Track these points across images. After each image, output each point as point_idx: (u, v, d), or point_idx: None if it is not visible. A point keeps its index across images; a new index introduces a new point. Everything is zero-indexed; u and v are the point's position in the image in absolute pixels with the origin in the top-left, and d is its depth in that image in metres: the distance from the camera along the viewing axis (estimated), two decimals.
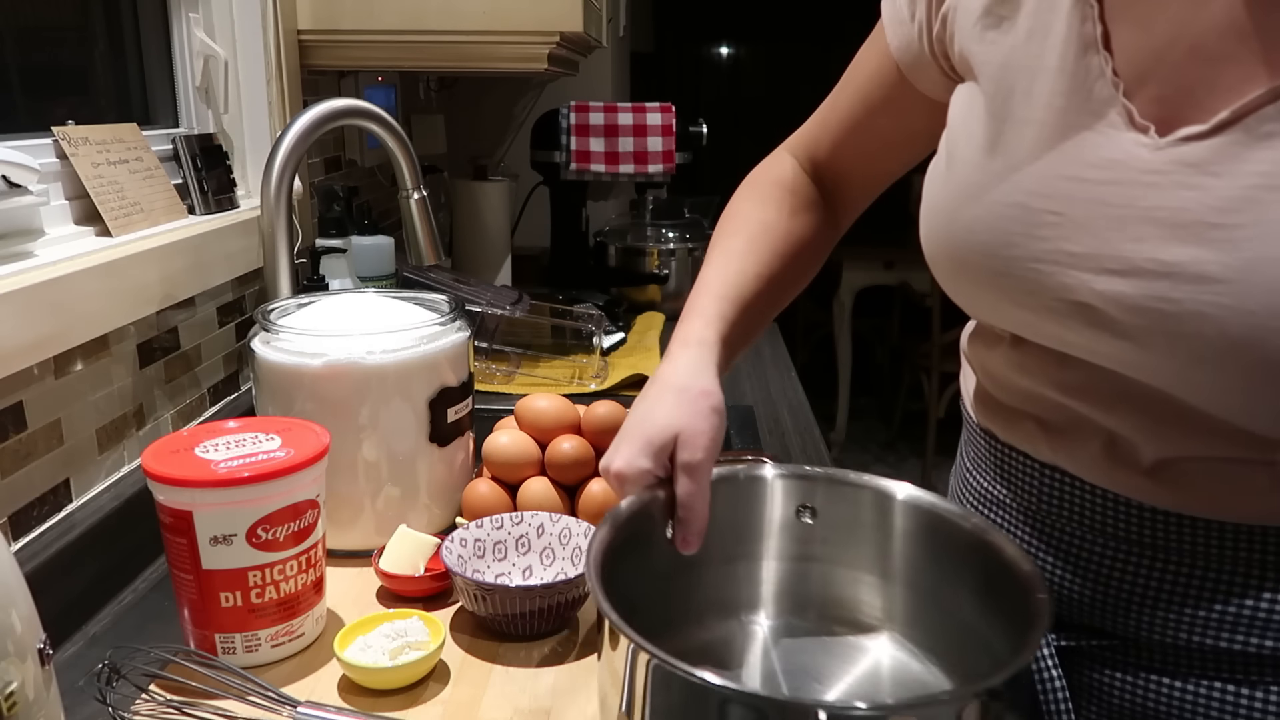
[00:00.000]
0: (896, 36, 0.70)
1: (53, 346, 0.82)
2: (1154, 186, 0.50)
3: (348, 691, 0.70)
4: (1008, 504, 0.67)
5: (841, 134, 0.79)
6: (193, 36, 1.26)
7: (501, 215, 2.02)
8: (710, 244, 0.78)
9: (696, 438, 0.62)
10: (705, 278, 0.74)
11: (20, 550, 0.80)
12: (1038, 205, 0.55)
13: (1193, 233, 0.49)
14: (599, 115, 1.90)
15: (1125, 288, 0.51)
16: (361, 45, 1.39)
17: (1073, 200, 0.53)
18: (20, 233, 0.88)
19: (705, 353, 0.69)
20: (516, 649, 0.75)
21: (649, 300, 1.90)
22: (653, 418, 0.65)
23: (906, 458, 3.97)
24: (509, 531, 0.84)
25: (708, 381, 0.66)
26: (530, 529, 0.84)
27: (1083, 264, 0.53)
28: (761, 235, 0.77)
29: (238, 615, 0.71)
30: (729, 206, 0.81)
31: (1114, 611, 0.61)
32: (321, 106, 1.11)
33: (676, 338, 0.71)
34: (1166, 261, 0.49)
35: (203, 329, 1.13)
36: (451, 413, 0.90)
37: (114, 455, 0.94)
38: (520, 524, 0.84)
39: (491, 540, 0.83)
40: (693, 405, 0.64)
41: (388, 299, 0.96)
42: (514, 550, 0.84)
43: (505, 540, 0.83)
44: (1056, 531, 0.63)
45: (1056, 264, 0.54)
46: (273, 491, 0.69)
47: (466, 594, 0.76)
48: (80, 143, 0.97)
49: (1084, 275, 0.53)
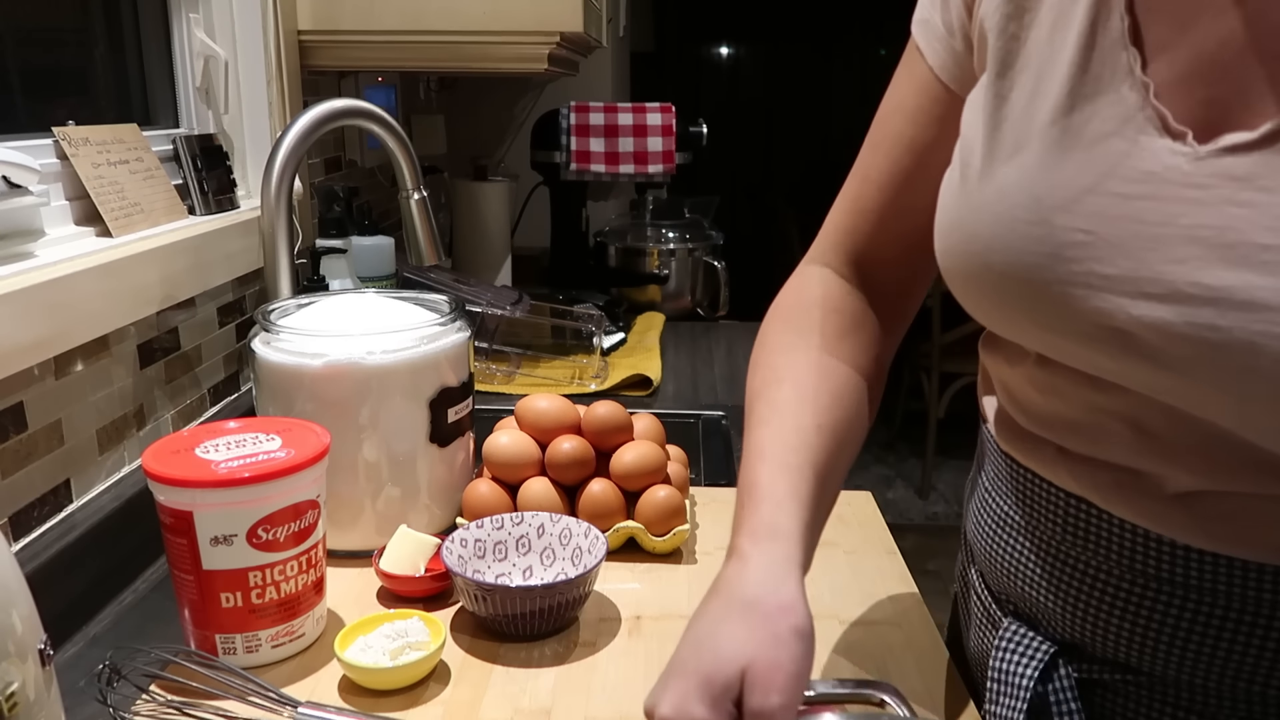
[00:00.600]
0: (938, 55, 0.63)
1: (53, 347, 0.82)
2: (1196, 203, 0.45)
3: (348, 692, 0.70)
4: (1025, 530, 0.61)
5: (886, 204, 0.66)
6: (193, 37, 1.26)
7: (501, 215, 2.03)
8: (748, 400, 0.64)
9: (773, 674, 0.48)
10: (757, 444, 0.60)
11: (21, 551, 0.80)
12: (1063, 223, 0.49)
13: (1241, 254, 0.44)
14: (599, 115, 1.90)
15: (1166, 314, 0.46)
16: (361, 46, 1.39)
17: (1104, 218, 0.48)
18: (20, 233, 0.88)
19: (784, 549, 0.54)
20: (516, 649, 0.75)
21: (649, 300, 1.90)
22: (715, 644, 0.50)
23: (906, 458, 3.97)
24: (509, 532, 0.84)
25: (789, 593, 0.52)
26: (531, 529, 0.84)
27: (1118, 287, 0.48)
28: (809, 377, 0.63)
29: (238, 616, 0.71)
30: (758, 348, 0.67)
31: (1140, 647, 0.57)
32: (321, 107, 1.11)
33: (741, 529, 0.56)
34: (1212, 286, 0.45)
35: (203, 329, 1.13)
36: (452, 413, 0.90)
37: (114, 456, 0.94)
38: (520, 524, 0.84)
39: (492, 540, 0.83)
40: (769, 627, 0.50)
41: (388, 299, 0.96)
42: (514, 550, 0.84)
43: (505, 540, 0.83)
44: (1077, 563, 0.58)
45: (1089, 287, 0.49)
46: (273, 492, 0.69)
47: (467, 594, 0.76)
48: (80, 143, 0.97)
49: (1120, 300, 0.48)
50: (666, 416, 1.16)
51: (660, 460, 0.91)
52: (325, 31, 1.37)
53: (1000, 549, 0.64)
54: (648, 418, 0.98)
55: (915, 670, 0.73)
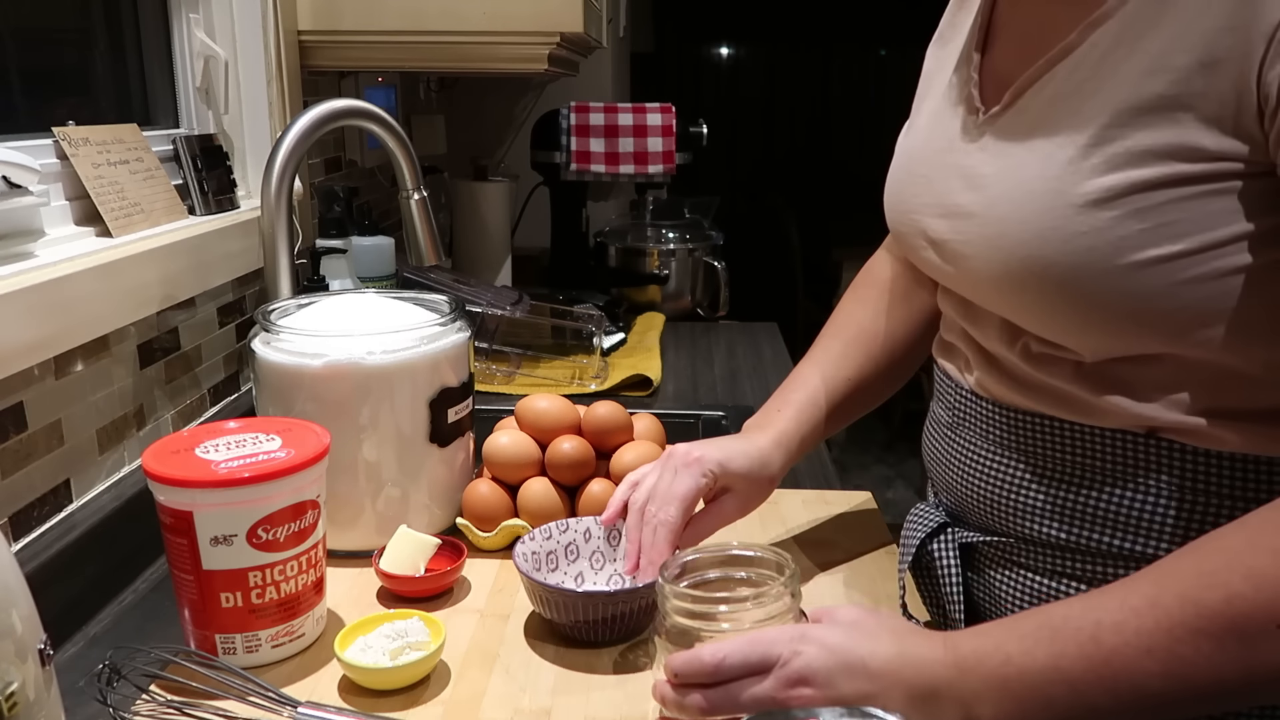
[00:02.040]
0: None
1: (53, 347, 0.82)
2: (964, 151, 0.67)
3: (348, 692, 0.70)
4: (942, 423, 0.76)
5: None
6: (193, 37, 1.26)
7: (502, 216, 2.03)
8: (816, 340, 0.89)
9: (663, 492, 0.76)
10: (794, 374, 0.87)
11: (21, 551, 0.80)
12: (916, 170, 0.72)
13: (972, 183, 0.65)
14: (599, 116, 1.90)
15: (943, 227, 0.67)
16: (362, 46, 1.39)
17: (931, 164, 0.70)
18: (21, 233, 0.88)
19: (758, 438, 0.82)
20: (516, 649, 0.75)
21: (649, 300, 1.90)
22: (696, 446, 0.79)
23: (906, 458, 3.97)
24: (557, 541, 0.82)
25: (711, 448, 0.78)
26: (577, 535, 0.82)
27: (930, 211, 0.69)
28: (856, 339, 0.87)
29: (238, 616, 0.71)
30: (838, 306, 0.92)
31: (990, 510, 0.70)
32: (322, 107, 1.11)
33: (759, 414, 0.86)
34: (960, 205, 0.65)
35: (203, 329, 1.13)
36: (452, 413, 0.90)
37: (114, 456, 0.94)
38: (566, 531, 0.82)
39: (545, 551, 0.81)
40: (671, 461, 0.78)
41: (388, 299, 0.96)
42: (564, 559, 0.82)
43: (556, 550, 0.81)
44: (961, 440, 0.72)
45: (919, 213, 0.70)
46: (273, 492, 0.69)
47: (548, 603, 0.74)
48: (81, 143, 0.97)
49: (930, 220, 0.69)
50: (666, 417, 1.16)
51: None
52: (325, 31, 1.37)
53: (929, 446, 0.78)
54: (648, 418, 0.98)
55: None
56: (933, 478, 0.78)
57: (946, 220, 0.66)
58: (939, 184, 0.68)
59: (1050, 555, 0.67)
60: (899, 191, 0.74)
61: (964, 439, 0.72)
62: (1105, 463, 0.63)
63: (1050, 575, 0.67)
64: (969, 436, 0.71)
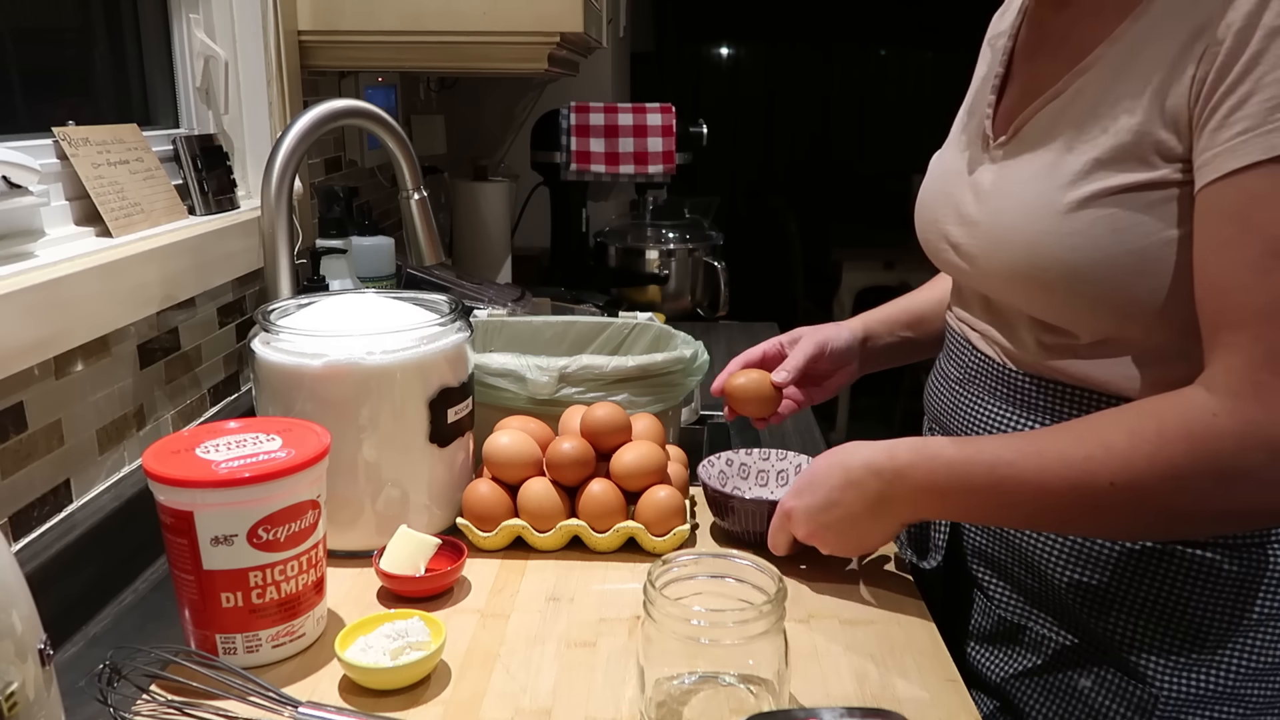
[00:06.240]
0: None
1: (53, 347, 0.82)
2: (977, 171, 0.82)
3: (348, 692, 0.70)
4: (951, 377, 0.89)
5: None
6: (193, 37, 1.26)
7: (502, 216, 2.03)
8: None
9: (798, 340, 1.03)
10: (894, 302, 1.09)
11: (21, 551, 0.80)
12: (942, 186, 0.87)
13: (980, 196, 0.80)
14: (599, 116, 1.90)
15: (960, 233, 0.82)
16: (362, 46, 1.39)
17: (953, 181, 0.85)
18: (21, 233, 0.88)
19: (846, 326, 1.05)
20: (516, 649, 0.75)
21: (649, 300, 1.90)
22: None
23: None
24: (743, 465, 1.00)
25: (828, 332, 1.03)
26: (769, 464, 1.01)
27: (950, 219, 0.84)
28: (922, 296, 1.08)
29: (238, 616, 0.71)
30: None
31: None
32: (322, 107, 1.11)
33: None
34: (971, 215, 0.81)
35: (203, 329, 1.13)
36: (452, 413, 0.90)
37: (114, 456, 0.94)
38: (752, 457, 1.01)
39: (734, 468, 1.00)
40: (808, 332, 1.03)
41: (388, 299, 0.96)
42: (754, 478, 1.00)
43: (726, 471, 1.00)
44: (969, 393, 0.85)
45: (943, 221, 0.85)
46: (273, 492, 0.69)
47: (735, 512, 0.90)
48: (81, 143, 0.97)
49: (950, 226, 0.84)
50: None
51: (660, 461, 0.91)
52: (325, 32, 1.37)
53: (934, 397, 0.92)
54: (648, 418, 0.98)
55: (915, 670, 0.73)
56: (935, 425, 0.92)
57: (962, 227, 0.82)
58: (956, 196, 0.83)
59: None
60: (929, 202, 0.89)
61: (971, 393, 0.85)
62: None
63: None
64: (976, 392, 0.85)
